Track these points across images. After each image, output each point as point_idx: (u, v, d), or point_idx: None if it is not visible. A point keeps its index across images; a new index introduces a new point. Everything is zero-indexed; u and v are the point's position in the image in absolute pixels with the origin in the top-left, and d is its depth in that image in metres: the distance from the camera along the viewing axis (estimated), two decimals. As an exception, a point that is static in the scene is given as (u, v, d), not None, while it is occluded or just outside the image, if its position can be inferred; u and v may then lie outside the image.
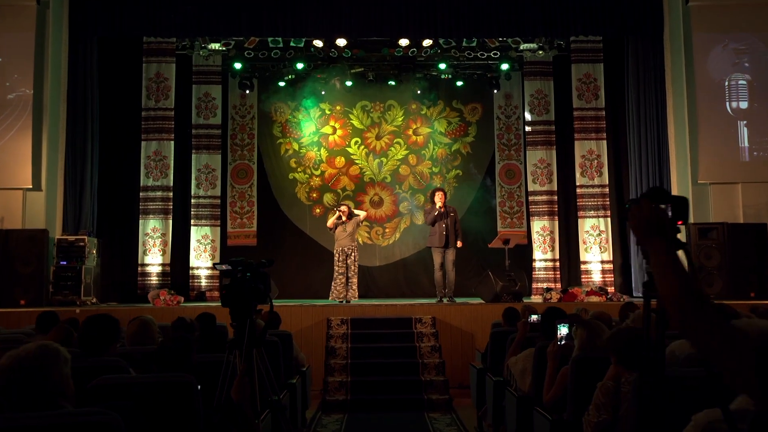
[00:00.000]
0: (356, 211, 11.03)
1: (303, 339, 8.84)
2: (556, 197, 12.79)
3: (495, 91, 13.33)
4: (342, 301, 10.41)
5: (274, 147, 13.48)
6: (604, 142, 12.31)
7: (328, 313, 9.25)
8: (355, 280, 10.59)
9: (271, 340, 5.92)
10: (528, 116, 12.94)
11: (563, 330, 4.71)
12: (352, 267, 10.55)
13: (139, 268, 11.93)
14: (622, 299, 9.84)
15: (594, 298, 9.54)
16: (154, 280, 11.92)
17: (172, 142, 12.14)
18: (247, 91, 13.10)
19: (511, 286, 9.65)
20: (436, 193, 10.55)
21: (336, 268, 10.65)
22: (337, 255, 10.67)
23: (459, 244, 10.45)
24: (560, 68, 12.78)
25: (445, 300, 10.26)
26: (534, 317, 5.66)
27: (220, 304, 4.12)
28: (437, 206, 10.40)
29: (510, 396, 5.39)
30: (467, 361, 8.80)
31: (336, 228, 10.74)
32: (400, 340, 8.95)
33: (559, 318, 4.98)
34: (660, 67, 11.24)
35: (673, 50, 11.05)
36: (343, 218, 10.68)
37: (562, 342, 4.68)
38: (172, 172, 12.13)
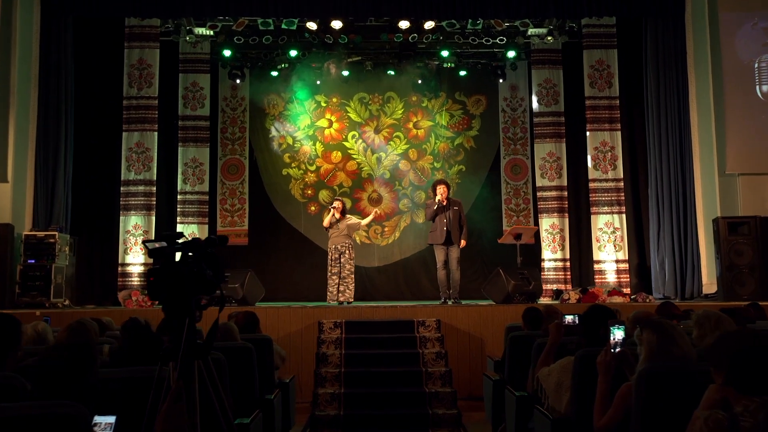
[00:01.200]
0: (355, 218, 9.76)
1: (291, 345, 7.52)
2: (566, 193, 11.53)
3: (500, 80, 12.10)
4: (337, 303, 9.15)
5: (266, 141, 12.22)
6: (618, 133, 11.02)
7: (319, 315, 7.90)
8: (350, 280, 9.34)
9: (245, 346, 4.62)
10: (536, 107, 11.65)
11: (618, 334, 3.41)
12: (347, 266, 9.30)
13: (120, 268, 10.61)
14: (648, 300, 8.51)
15: (617, 299, 8.19)
16: (135, 281, 10.60)
17: (156, 133, 10.83)
18: (238, 81, 11.86)
19: (524, 285, 8.30)
20: (438, 186, 9.24)
21: (329, 267, 9.38)
22: (330, 253, 9.41)
23: (462, 243, 9.12)
24: (570, 56, 11.54)
25: (449, 302, 8.94)
26: (569, 318, 4.36)
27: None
28: (436, 199, 9.09)
29: (541, 417, 4.08)
30: (477, 369, 7.50)
31: (331, 226, 9.49)
32: (400, 345, 7.58)
33: (611, 318, 3.69)
34: (681, 49, 9.95)
35: (696, 30, 9.77)
36: (337, 215, 9.43)
37: (617, 349, 3.38)
38: (155, 165, 10.82)
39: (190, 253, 2.85)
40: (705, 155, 9.62)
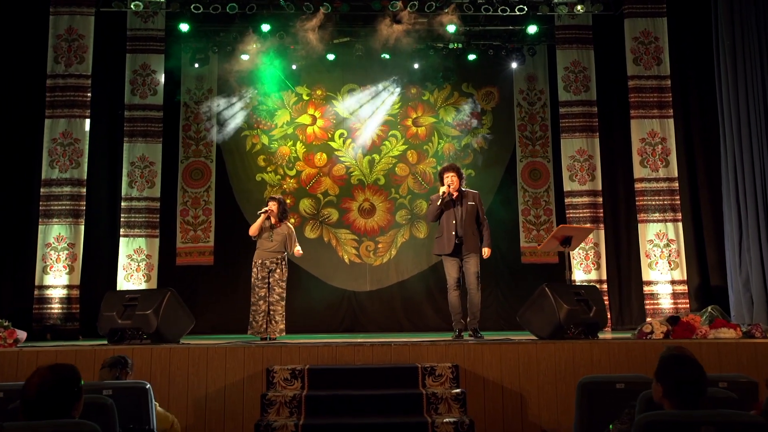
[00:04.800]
0: (290, 226, 6.47)
1: (224, 409, 4.18)
2: (600, 198, 8.37)
3: (515, 65, 9.03)
4: (265, 338, 5.91)
5: (237, 141, 9.07)
6: (671, 120, 7.89)
7: (270, 357, 4.51)
8: (279, 308, 6.16)
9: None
10: (561, 95, 8.50)
11: None
12: (276, 289, 6.12)
13: (36, 292, 7.36)
14: (770, 333, 5.19)
15: (728, 333, 4.81)
16: (56, 308, 7.36)
17: (88, 120, 7.68)
18: (196, 65, 8.74)
19: (582, 311, 4.93)
20: (445, 174, 5.86)
21: (254, 290, 6.10)
22: (255, 270, 6.13)
23: (486, 251, 5.78)
24: (603, 32, 8.50)
25: (466, 335, 5.61)
26: None
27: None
28: (441, 191, 5.78)
29: None
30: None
31: (260, 234, 6.23)
32: (397, 410, 4.23)
33: None
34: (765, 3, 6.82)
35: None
36: (272, 219, 6.19)
37: None
38: (86, 161, 7.64)
39: None
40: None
